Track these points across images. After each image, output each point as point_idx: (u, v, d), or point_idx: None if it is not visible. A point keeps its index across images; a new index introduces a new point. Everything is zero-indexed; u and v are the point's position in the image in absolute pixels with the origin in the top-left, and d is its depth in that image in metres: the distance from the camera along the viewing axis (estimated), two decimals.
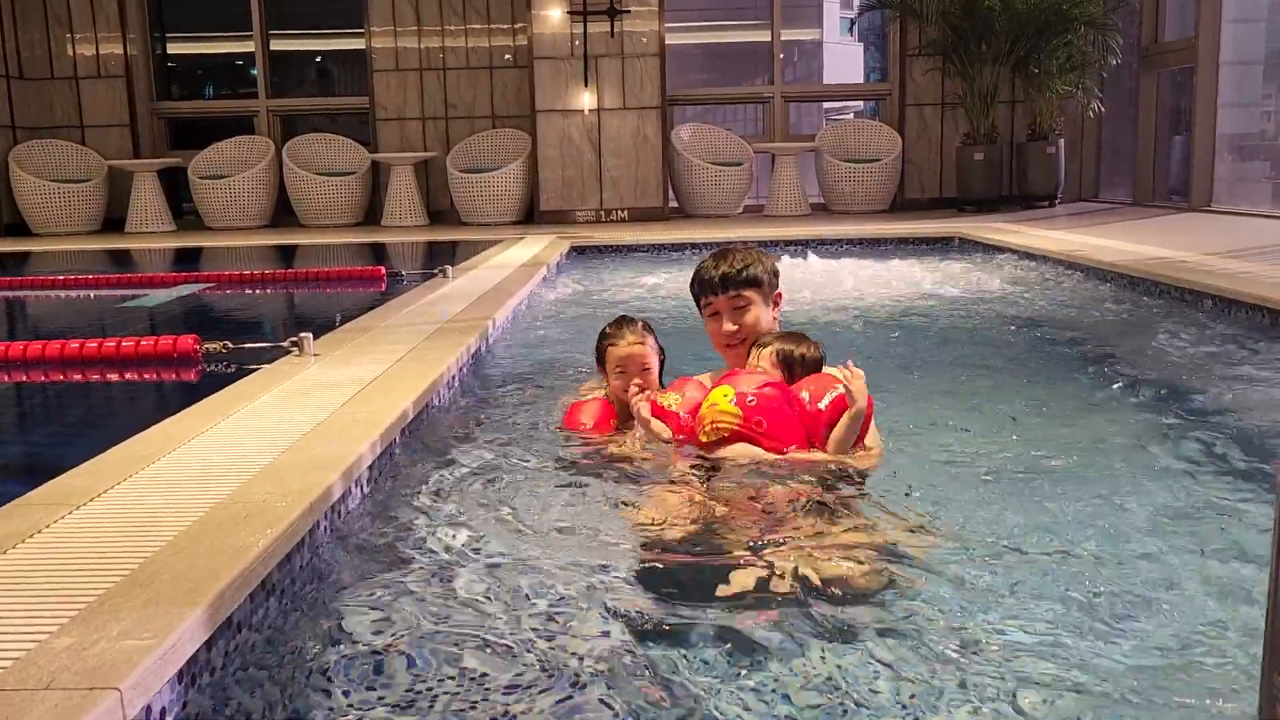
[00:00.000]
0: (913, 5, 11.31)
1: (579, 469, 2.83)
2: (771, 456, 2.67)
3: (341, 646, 1.86)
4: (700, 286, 2.99)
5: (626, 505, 2.56)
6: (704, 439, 2.72)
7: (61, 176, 11.57)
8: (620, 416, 3.06)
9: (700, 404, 2.78)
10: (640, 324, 3.13)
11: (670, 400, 2.88)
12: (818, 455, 2.69)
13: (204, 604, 1.65)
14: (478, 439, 3.14)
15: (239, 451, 2.54)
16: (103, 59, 12.00)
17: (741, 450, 2.68)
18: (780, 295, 3.06)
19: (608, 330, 3.13)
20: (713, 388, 2.81)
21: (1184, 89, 10.52)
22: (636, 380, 3.01)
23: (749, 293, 2.93)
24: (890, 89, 12.24)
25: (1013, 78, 11.22)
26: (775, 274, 3.02)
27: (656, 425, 2.84)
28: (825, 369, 2.87)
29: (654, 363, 3.08)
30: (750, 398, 2.68)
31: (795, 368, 2.83)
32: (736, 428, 2.66)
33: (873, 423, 2.77)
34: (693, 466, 2.71)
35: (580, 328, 5.30)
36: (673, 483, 2.67)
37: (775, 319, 3.03)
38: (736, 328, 2.94)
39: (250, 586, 1.82)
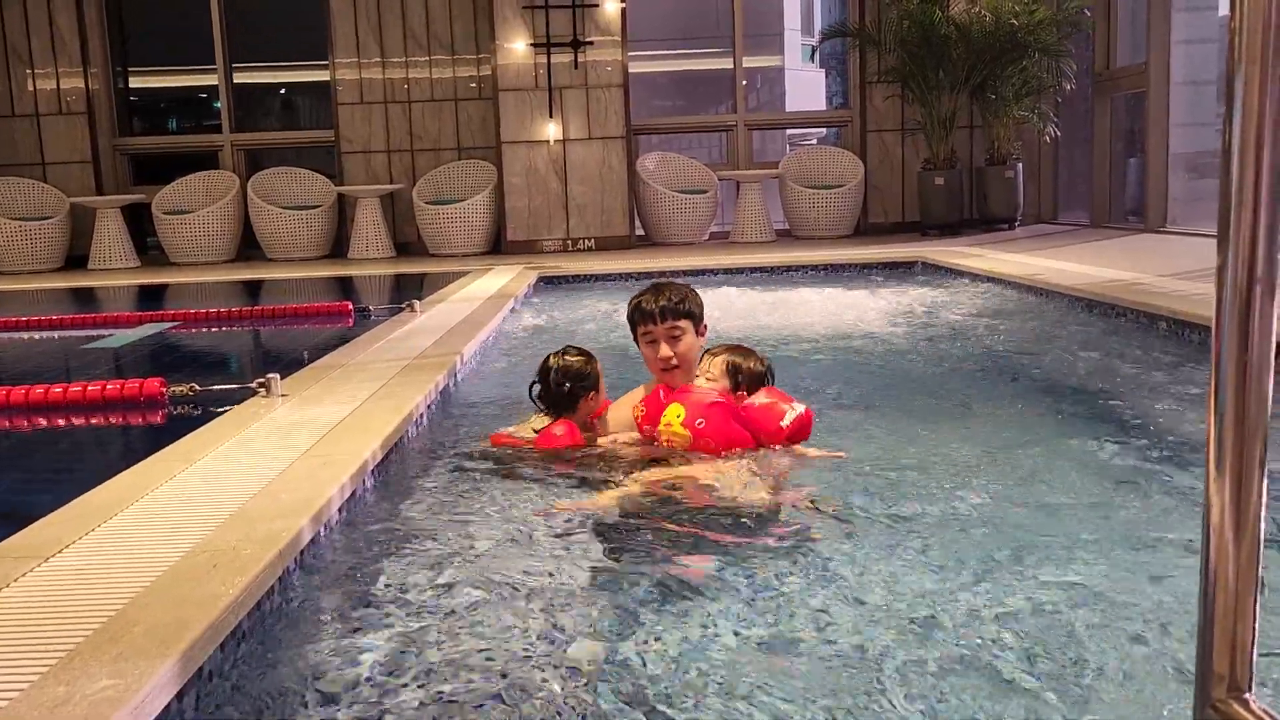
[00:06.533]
0: (871, 34, 11.50)
1: (551, 491, 2.96)
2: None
3: (312, 690, 1.88)
4: (641, 316, 3.34)
5: (597, 518, 2.75)
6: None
7: (23, 214, 11.49)
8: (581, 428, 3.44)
9: (655, 410, 3.22)
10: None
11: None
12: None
13: (175, 656, 1.67)
14: (447, 475, 3.17)
15: (207, 498, 2.56)
16: (64, 95, 11.94)
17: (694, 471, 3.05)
18: (705, 327, 3.44)
19: (552, 359, 3.49)
20: (667, 401, 3.21)
21: (1138, 112, 10.74)
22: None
23: (683, 323, 3.32)
24: (851, 116, 12.41)
25: (970, 104, 11.42)
26: (702, 308, 3.40)
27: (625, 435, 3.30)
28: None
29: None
30: (699, 420, 3.11)
31: (739, 377, 3.29)
32: (686, 448, 3.11)
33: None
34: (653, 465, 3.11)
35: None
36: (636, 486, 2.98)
37: (701, 345, 3.42)
38: (671, 354, 3.28)
39: (221, 636, 1.84)
